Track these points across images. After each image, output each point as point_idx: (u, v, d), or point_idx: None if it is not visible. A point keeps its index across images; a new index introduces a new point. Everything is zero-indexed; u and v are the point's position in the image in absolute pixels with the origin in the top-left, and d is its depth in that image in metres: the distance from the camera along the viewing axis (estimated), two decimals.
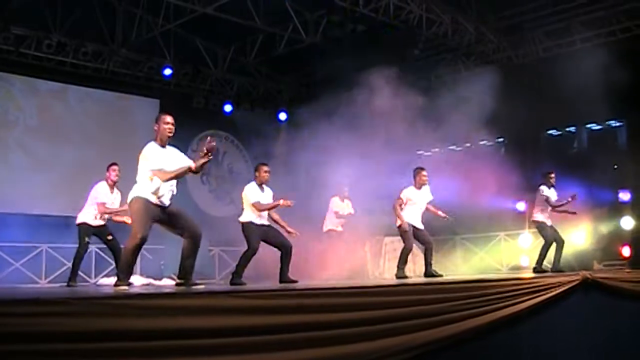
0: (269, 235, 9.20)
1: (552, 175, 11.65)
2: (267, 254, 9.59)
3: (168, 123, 7.12)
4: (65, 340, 3.90)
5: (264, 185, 9.41)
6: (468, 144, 15.46)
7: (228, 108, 18.22)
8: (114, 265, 10.46)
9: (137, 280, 11.15)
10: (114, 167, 10.11)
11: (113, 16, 15.68)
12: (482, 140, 14.99)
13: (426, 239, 10.88)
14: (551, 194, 11.54)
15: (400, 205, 10.76)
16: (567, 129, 15.21)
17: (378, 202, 12.34)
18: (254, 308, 4.94)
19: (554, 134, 15.68)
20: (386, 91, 12.89)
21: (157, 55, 16.49)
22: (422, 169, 11.02)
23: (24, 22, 14.66)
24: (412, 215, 10.88)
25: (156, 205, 6.97)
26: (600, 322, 8.60)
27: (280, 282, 8.96)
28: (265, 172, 9.38)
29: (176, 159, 7.13)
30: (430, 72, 16.55)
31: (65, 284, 10.19)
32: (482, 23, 15.23)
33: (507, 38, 15.58)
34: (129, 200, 7.09)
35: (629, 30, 13.97)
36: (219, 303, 4.82)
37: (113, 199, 10.13)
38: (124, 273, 6.95)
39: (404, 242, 10.93)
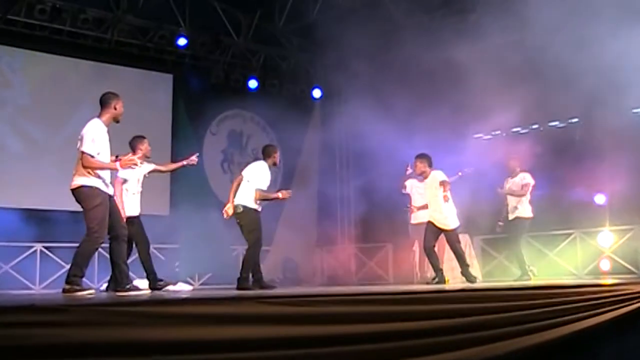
0: None
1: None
2: None
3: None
4: (64, 353, 3.95)
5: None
6: (536, 125, 15.35)
7: (253, 84, 18.17)
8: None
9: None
10: None
11: None
12: (553, 121, 14.87)
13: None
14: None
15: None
16: None
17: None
18: (282, 316, 4.98)
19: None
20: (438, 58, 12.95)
21: (170, 22, 16.54)
22: (418, 157, 11.54)
23: None
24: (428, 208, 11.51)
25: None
26: None
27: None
28: (277, 156, 10.02)
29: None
30: None
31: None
32: None
33: None
34: None
35: None
36: (242, 310, 4.86)
37: None
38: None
39: None
